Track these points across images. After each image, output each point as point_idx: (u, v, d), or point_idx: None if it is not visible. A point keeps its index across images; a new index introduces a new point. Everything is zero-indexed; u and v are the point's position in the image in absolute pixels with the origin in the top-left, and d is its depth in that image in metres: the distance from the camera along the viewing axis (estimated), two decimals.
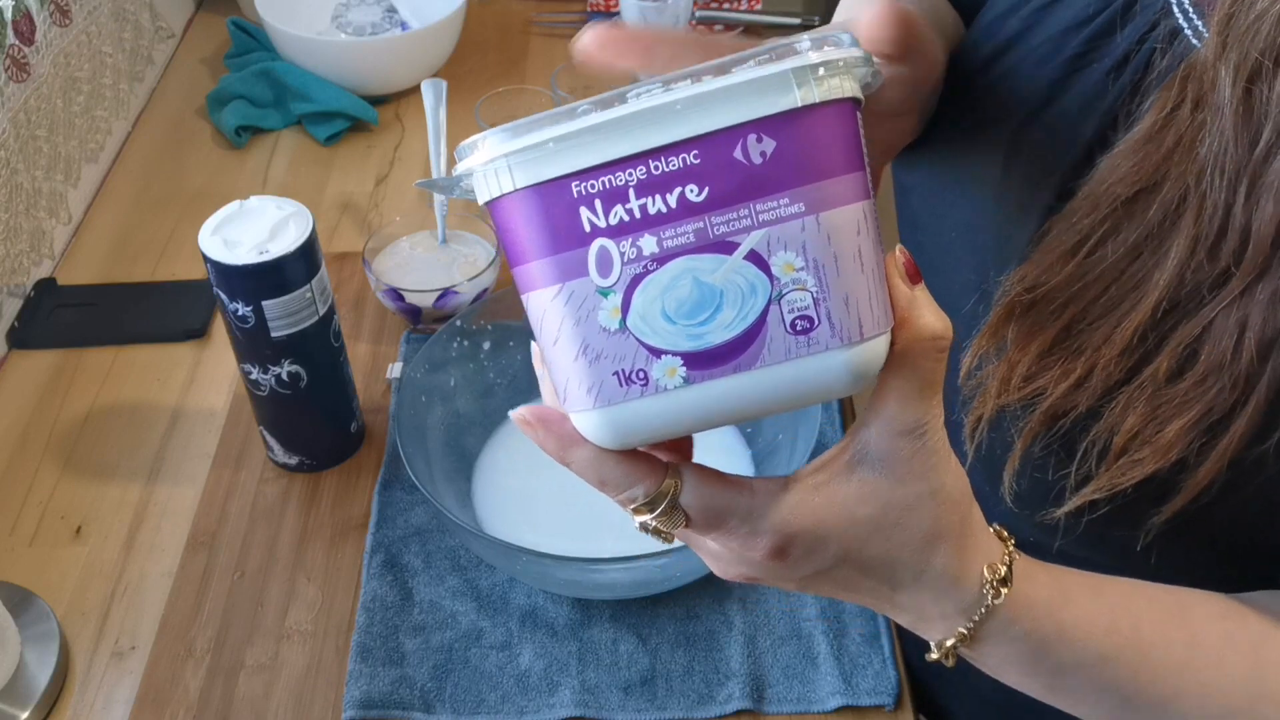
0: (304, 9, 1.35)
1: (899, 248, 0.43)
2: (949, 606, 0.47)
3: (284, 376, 0.83)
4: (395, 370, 0.97)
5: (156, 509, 0.90)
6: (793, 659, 0.76)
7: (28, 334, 1.03)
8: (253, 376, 0.83)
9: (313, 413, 0.87)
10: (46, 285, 1.08)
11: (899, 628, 0.78)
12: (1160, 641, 0.51)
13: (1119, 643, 0.50)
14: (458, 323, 0.88)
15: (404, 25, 1.36)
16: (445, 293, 0.97)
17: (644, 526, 0.45)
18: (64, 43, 1.15)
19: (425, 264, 1.03)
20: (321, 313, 0.82)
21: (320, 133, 1.26)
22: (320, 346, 0.84)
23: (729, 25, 1.41)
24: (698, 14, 1.40)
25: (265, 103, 1.30)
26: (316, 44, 1.28)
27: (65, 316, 1.05)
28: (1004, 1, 0.67)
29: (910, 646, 0.77)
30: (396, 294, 0.98)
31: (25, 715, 0.75)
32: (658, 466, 0.44)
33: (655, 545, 0.69)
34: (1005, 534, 0.49)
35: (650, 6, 1.25)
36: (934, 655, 0.49)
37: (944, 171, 0.66)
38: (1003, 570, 0.47)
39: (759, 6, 1.45)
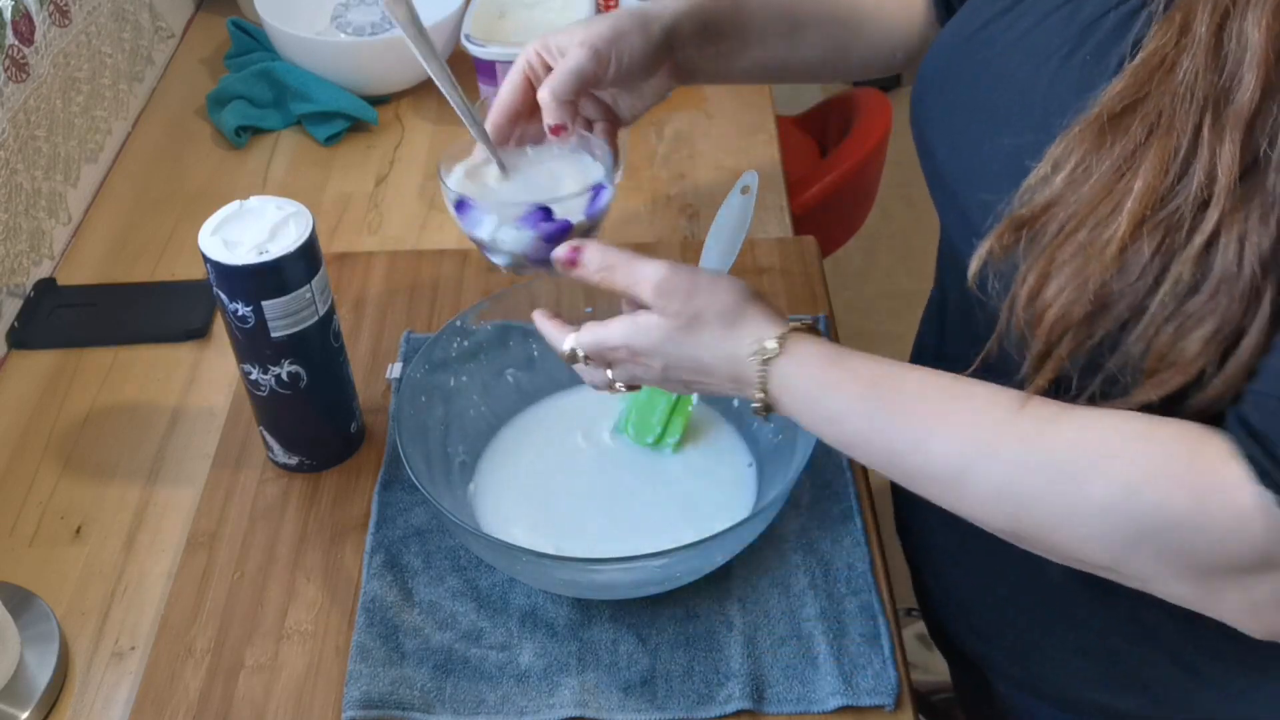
0: (304, 9, 1.35)
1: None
2: (738, 350, 0.64)
3: (284, 377, 0.83)
4: (395, 370, 0.96)
5: (156, 509, 0.90)
6: (793, 659, 0.76)
7: (28, 334, 1.03)
8: (253, 376, 0.83)
9: (313, 413, 0.87)
10: (46, 285, 1.08)
11: (899, 629, 0.78)
12: (921, 389, 0.61)
13: (881, 390, 0.62)
14: (457, 323, 0.88)
15: None
16: (597, 190, 0.74)
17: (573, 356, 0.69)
18: (63, 43, 1.15)
19: (516, 191, 0.77)
20: (321, 313, 0.82)
21: (320, 133, 1.26)
22: (320, 346, 0.84)
23: None
24: None
25: (265, 103, 1.30)
26: (316, 44, 1.28)
27: (65, 316, 1.05)
28: None
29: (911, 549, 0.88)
30: (546, 212, 0.72)
31: (25, 715, 0.75)
32: (566, 327, 0.70)
33: (655, 545, 0.70)
34: (800, 325, 0.65)
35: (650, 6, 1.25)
36: (754, 405, 0.65)
37: (974, 112, 0.67)
38: (775, 335, 0.64)
39: None
